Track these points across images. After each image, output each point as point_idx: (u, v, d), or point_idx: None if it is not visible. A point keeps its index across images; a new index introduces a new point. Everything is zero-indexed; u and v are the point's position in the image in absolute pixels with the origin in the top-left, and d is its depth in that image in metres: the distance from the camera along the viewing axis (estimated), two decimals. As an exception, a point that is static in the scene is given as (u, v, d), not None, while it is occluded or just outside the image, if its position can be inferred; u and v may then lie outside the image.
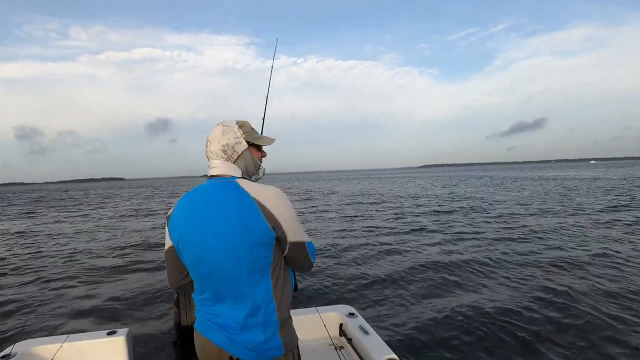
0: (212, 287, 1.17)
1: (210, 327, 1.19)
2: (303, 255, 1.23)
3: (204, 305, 1.22)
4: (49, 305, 4.96)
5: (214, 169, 1.24)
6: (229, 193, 1.15)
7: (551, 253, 6.57)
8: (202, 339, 1.20)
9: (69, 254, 8.50)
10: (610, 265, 5.70)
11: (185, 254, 1.19)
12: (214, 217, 1.13)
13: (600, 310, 4.00)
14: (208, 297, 1.20)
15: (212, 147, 1.25)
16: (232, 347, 1.15)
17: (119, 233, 11.47)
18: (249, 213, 1.11)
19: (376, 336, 2.15)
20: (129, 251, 8.56)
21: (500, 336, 3.53)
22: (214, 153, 1.24)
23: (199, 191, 1.21)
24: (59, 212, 20.68)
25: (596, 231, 8.54)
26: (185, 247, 1.17)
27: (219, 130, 1.26)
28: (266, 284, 1.16)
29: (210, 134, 1.27)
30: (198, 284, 1.22)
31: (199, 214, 1.16)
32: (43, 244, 10.14)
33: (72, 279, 6.28)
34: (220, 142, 1.24)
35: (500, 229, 9.28)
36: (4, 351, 2.04)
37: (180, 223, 1.19)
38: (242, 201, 1.12)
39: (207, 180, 1.25)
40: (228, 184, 1.18)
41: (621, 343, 3.33)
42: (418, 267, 6.01)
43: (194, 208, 1.18)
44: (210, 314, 1.19)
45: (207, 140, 1.27)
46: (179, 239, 1.19)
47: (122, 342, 2.19)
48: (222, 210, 1.12)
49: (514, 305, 4.20)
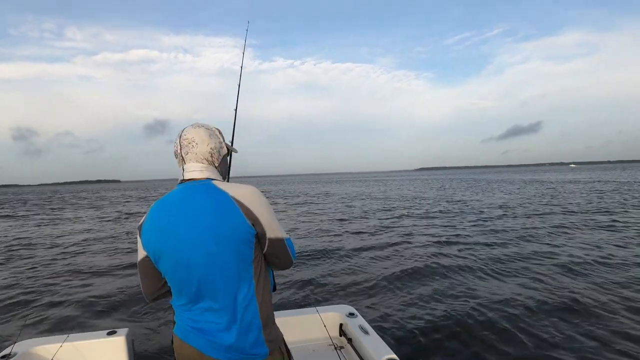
0: (192, 291, 1.14)
1: (190, 332, 1.15)
2: (283, 252, 1.21)
3: (184, 310, 1.18)
4: (49, 305, 4.95)
5: (193, 172, 1.20)
6: (206, 194, 1.13)
7: (554, 254, 6.56)
8: (183, 344, 1.17)
9: (69, 254, 8.50)
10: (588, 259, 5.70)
11: (163, 262, 1.14)
12: (192, 220, 1.10)
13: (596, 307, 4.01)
14: (188, 302, 1.16)
15: (198, 149, 1.20)
16: (214, 351, 1.12)
17: (119, 233, 11.49)
18: (229, 212, 1.09)
19: (376, 336, 2.15)
20: (129, 251, 8.56)
21: (500, 336, 3.53)
22: (198, 155, 1.20)
23: (173, 196, 1.17)
24: (56, 213, 20.70)
25: (571, 232, 8.55)
26: (163, 255, 1.13)
27: (204, 132, 1.23)
28: (248, 284, 1.14)
29: (191, 135, 1.21)
30: (176, 290, 1.18)
31: (176, 219, 1.12)
32: (42, 244, 10.15)
33: (72, 279, 6.27)
34: (208, 144, 1.22)
35: (500, 230, 9.27)
36: (4, 351, 2.04)
37: (155, 231, 1.14)
38: (220, 200, 1.10)
39: (178, 185, 1.21)
40: (203, 185, 1.16)
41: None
42: (418, 267, 6.01)
43: (170, 214, 1.14)
44: (190, 319, 1.16)
45: (189, 141, 1.20)
46: (155, 248, 1.14)
47: (122, 342, 2.19)
48: (200, 212, 1.10)
49: (514, 305, 4.20)
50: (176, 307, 1.22)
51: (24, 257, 8.42)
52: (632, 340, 3.35)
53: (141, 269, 1.22)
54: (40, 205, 28.36)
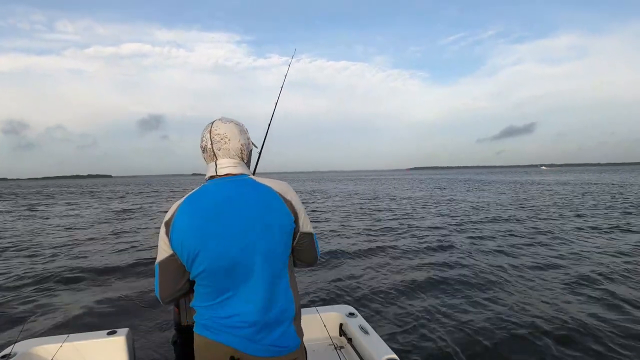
0: (230, 286, 1.11)
1: (222, 330, 1.12)
2: (312, 247, 1.25)
3: (216, 309, 1.13)
4: (49, 305, 4.94)
5: (227, 168, 1.17)
6: (251, 187, 1.14)
7: (551, 258, 6.59)
8: (212, 343, 1.13)
9: (69, 253, 8.48)
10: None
11: (201, 260, 1.08)
12: (240, 213, 1.08)
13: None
14: (222, 299, 1.12)
15: (231, 144, 1.18)
16: (251, 347, 1.11)
17: (119, 233, 11.46)
18: (275, 205, 1.12)
19: (376, 336, 2.15)
20: (129, 251, 8.54)
21: (500, 336, 3.55)
22: (231, 151, 1.18)
23: (211, 191, 1.13)
24: (53, 208, 20.63)
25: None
26: (202, 253, 1.07)
27: (234, 127, 1.21)
28: (288, 276, 1.17)
29: (222, 130, 1.18)
30: (211, 288, 1.13)
31: (221, 214, 1.09)
32: (42, 242, 10.12)
33: (72, 278, 6.25)
34: (239, 140, 1.21)
35: (500, 231, 9.29)
36: (4, 351, 2.03)
37: (192, 229, 1.08)
38: (266, 194, 1.13)
39: (211, 180, 1.17)
40: (243, 180, 1.16)
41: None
42: (418, 267, 6.03)
43: (211, 209, 1.10)
44: (223, 317, 1.12)
45: (221, 136, 1.17)
46: (191, 247, 1.07)
47: (122, 342, 2.18)
48: (248, 205, 1.10)
49: (514, 305, 4.22)
50: (203, 308, 1.16)
51: (22, 256, 8.39)
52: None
53: (162, 269, 1.15)
54: (28, 198, 28.11)
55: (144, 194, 35.96)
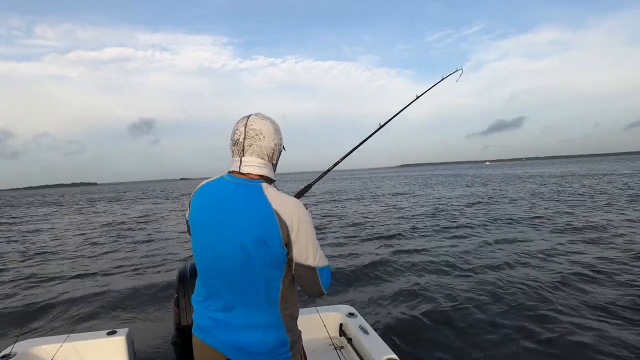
0: (214, 287, 1.13)
1: (209, 331, 1.13)
2: (312, 280, 1.12)
3: (204, 307, 1.16)
4: (49, 305, 4.94)
5: (252, 167, 1.12)
6: (250, 197, 1.08)
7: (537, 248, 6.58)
8: (201, 343, 1.15)
9: (68, 254, 8.48)
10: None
11: (194, 238, 1.17)
12: (229, 217, 1.08)
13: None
14: (208, 299, 1.15)
15: (265, 142, 1.13)
16: (233, 352, 1.10)
17: (119, 233, 11.47)
18: (266, 224, 1.04)
19: (376, 336, 2.15)
20: (129, 251, 8.55)
21: (500, 336, 3.54)
22: (262, 149, 1.13)
23: (215, 188, 1.15)
24: (53, 210, 20.61)
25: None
26: (195, 234, 1.16)
27: (270, 125, 1.15)
28: (276, 285, 1.11)
29: (259, 126, 1.13)
30: (200, 283, 1.18)
31: (214, 209, 1.11)
32: (39, 243, 10.12)
33: (72, 278, 6.27)
34: (273, 140, 1.15)
35: (499, 229, 9.28)
36: (4, 351, 2.03)
37: (197, 209, 1.16)
38: (262, 212, 1.05)
39: (227, 175, 1.16)
40: (252, 186, 1.10)
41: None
42: (418, 267, 6.03)
43: (206, 206, 1.14)
44: (209, 317, 1.14)
45: (256, 132, 1.12)
46: (193, 223, 1.17)
47: (122, 342, 2.19)
48: (237, 213, 1.07)
49: (514, 305, 4.21)
50: (196, 303, 1.20)
51: (22, 256, 8.40)
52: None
53: (188, 228, 1.25)
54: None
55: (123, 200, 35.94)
